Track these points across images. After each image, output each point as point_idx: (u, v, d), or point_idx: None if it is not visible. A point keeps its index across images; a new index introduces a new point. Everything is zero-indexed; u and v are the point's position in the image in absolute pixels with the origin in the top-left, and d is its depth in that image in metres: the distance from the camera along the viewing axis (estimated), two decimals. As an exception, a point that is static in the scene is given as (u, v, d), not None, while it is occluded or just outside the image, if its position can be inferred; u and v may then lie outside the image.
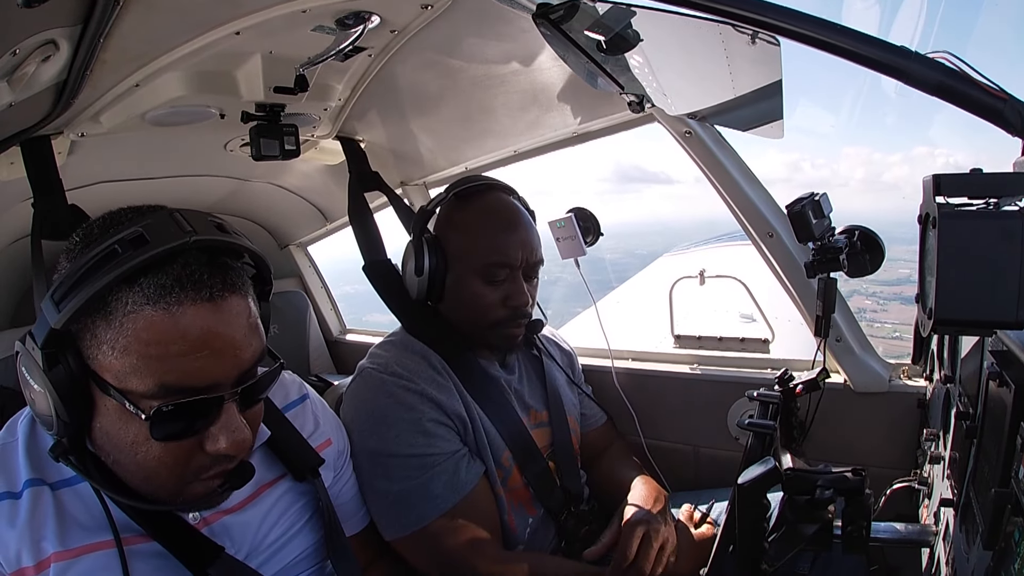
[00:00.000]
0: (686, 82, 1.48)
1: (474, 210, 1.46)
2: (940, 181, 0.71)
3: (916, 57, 0.69)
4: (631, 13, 1.05)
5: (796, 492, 0.94)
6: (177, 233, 0.79)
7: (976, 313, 0.68)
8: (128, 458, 0.83)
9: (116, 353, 0.78)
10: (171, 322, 0.77)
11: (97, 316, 0.78)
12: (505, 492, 1.43)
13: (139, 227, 0.78)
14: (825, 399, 1.40)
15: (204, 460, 0.85)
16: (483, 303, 1.44)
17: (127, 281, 0.77)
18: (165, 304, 0.77)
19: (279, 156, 1.64)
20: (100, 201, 1.77)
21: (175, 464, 0.83)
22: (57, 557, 0.83)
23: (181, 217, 0.82)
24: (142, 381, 0.78)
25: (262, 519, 1.03)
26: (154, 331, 0.77)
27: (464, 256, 1.43)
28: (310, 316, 2.96)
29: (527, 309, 1.47)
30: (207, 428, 0.83)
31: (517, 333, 1.49)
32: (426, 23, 1.32)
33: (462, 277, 1.44)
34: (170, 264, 0.78)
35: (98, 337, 0.78)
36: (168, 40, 1.19)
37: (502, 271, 1.42)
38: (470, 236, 1.44)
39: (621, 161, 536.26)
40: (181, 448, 0.82)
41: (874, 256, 1.30)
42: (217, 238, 0.83)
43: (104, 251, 0.76)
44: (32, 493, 0.86)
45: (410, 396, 1.35)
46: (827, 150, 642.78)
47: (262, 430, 1.04)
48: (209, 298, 0.80)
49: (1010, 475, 0.70)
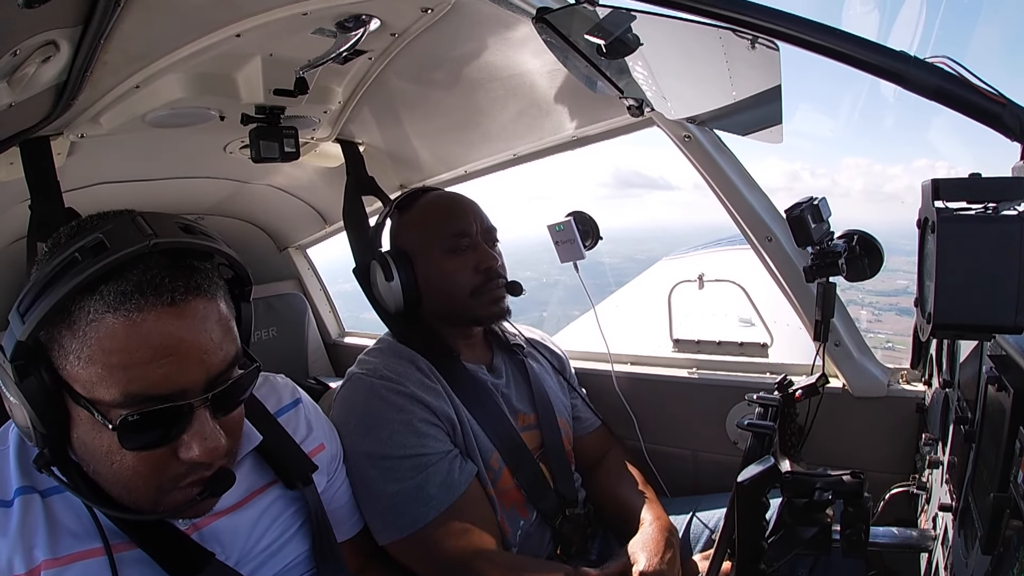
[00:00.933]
0: (685, 86, 1.48)
1: (418, 207, 1.57)
2: (939, 185, 0.71)
3: (915, 62, 0.70)
4: (631, 17, 1.05)
5: (795, 495, 0.93)
6: (137, 237, 0.78)
7: (975, 317, 0.68)
8: (105, 468, 0.82)
9: (82, 363, 0.76)
10: (132, 329, 0.76)
11: (62, 326, 0.77)
12: (496, 494, 1.44)
13: (100, 233, 0.77)
14: (824, 404, 1.40)
15: (180, 468, 0.83)
16: (457, 277, 1.50)
17: (88, 289, 0.76)
18: (126, 311, 0.75)
19: (278, 158, 1.64)
20: (99, 202, 1.76)
21: (150, 473, 0.82)
22: (47, 565, 0.82)
23: (143, 221, 0.80)
24: (108, 391, 0.76)
25: (253, 525, 1.02)
26: (116, 339, 0.75)
27: (425, 243, 1.51)
28: (308, 318, 2.95)
29: (499, 270, 1.53)
30: (179, 436, 0.81)
31: (499, 295, 1.54)
32: (426, 27, 1.32)
33: (430, 262, 1.51)
34: (130, 270, 0.77)
35: (64, 347, 0.77)
36: (169, 42, 1.19)
37: (463, 240, 1.50)
38: (424, 225, 1.53)
39: (621, 166, 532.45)
40: (155, 457, 0.81)
41: (873, 260, 1.30)
42: (179, 240, 0.81)
43: (65, 260, 0.76)
44: (23, 501, 0.85)
45: (400, 398, 1.37)
46: (828, 158, 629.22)
47: (253, 435, 1.03)
48: (171, 302, 0.78)
49: (1009, 479, 0.70)
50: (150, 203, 2.16)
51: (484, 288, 1.50)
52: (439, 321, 1.55)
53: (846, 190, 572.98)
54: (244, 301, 0.95)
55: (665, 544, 1.40)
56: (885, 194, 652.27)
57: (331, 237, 2.83)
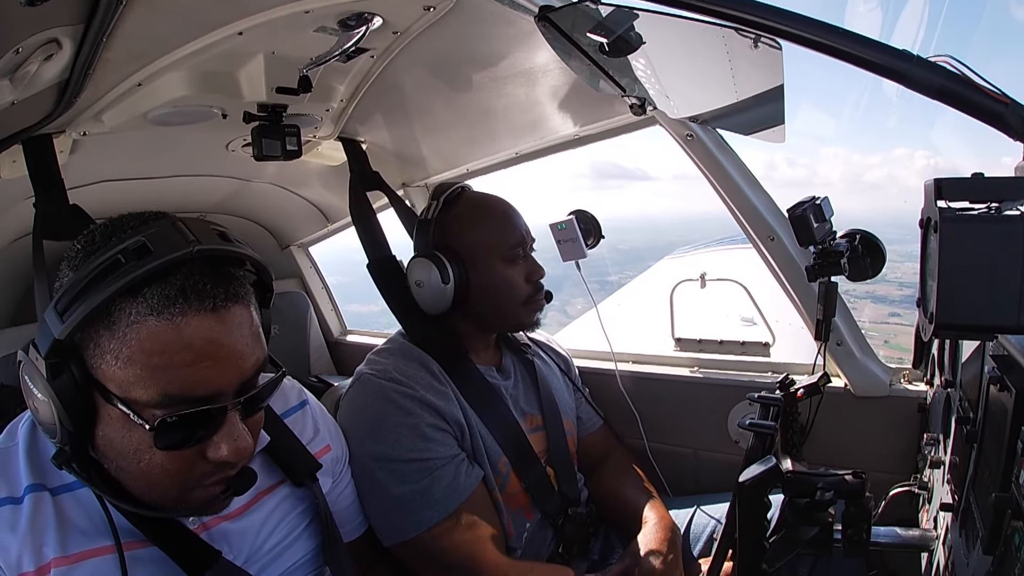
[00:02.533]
0: (688, 85, 1.48)
1: (471, 207, 1.54)
2: (942, 185, 0.71)
3: (918, 61, 0.69)
4: (633, 16, 1.05)
5: (796, 494, 0.94)
6: (181, 243, 0.79)
7: (977, 317, 0.68)
8: (131, 465, 0.83)
9: (120, 363, 0.77)
10: (175, 333, 0.77)
11: (100, 326, 0.78)
12: (503, 497, 1.44)
13: (142, 236, 0.78)
14: (825, 403, 1.40)
15: (206, 467, 0.84)
16: (514, 284, 1.51)
17: (130, 291, 0.76)
18: (169, 315, 0.77)
19: (281, 156, 1.64)
20: (102, 200, 1.77)
21: (178, 472, 0.83)
22: (57, 563, 0.83)
23: (184, 226, 0.82)
24: (145, 391, 0.77)
25: (261, 525, 1.03)
26: (158, 342, 0.76)
27: (484, 248, 1.50)
28: (311, 317, 2.96)
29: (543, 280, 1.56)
30: (210, 437, 0.83)
31: (542, 305, 1.57)
32: (428, 24, 1.32)
33: (488, 268, 1.49)
34: (173, 274, 0.78)
35: (101, 347, 0.78)
36: (171, 40, 1.19)
37: (519, 249, 1.52)
38: (483, 229, 1.51)
39: (598, 159, 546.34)
40: (184, 456, 0.82)
41: (875, 260, 1.30)
42: (220, 247, 0.83)
43: (107, 261, 0.76)
44: (33, 498, 0.86)
45: (409, 402, 1.36)
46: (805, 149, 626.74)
47: (262, 436, 1.04)
48: (212, 308, 0.79)
49: (1010, 480, 0.70)
50: (152, 201, 2.15)
51: (534, 298, 1.53)
52: (473, 323, 1.54)
53: (826, 179, 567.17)
54: (265, 307, 0.96)
55: (668, 545, 1.40)
56: (866, 183, 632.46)
57: (333, 235, 2.84)
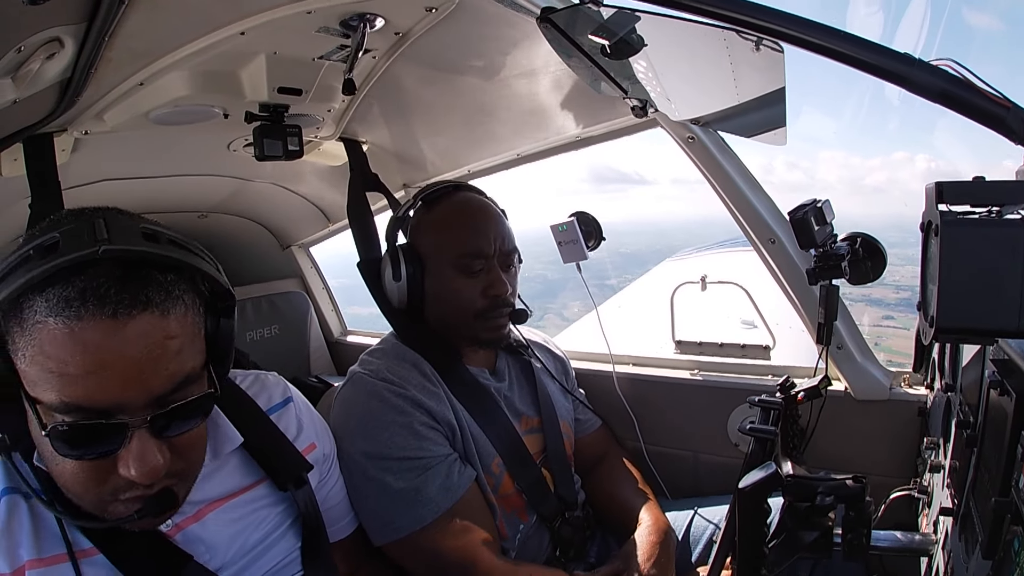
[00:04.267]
0: (690, 88, 1.48)
1: (443, 209, 1.51)
2: (943, 189, 0.71)
3: (919, 64, 0.69)
4: (635, 18, 1.05)
5: (797, 498, 0.93)
6: (88, 242, 0.74)
7: (978, 321, 0.68)
8: (52, 468, 0.81)
9: (26, 362, 0.74)
10: (70, 337, 0.72)
11: (14, 322, 0.75)
12: (496, 499, 1.43)
13: (57, 232, 0.75)
14: (826, 406, 1.40)
15: (119, 482, 0.80)
16: (463, 296, 1.46)
17: (38, 289, 0.73)
18: (66, 318, 0.72)
19: (282, 157, 1.64)
20: (103, 199, 1.74)
21: (88, 481, 0.79)
22: (31, 565, 0.82)
23: (103, 224, 0.77)
24: (46, 393, 0.74)
25: (237, 524, 1.00)
26: (54, 345, 0.73)
27: (438, 253, 1.47)
28: (311, 317, 2.96)
29: (508, 298, 1.49)
30: (116, 451, 0.78)
31: (503, 324, 1.50)
32: (430, 26, 1.32)
33: (440, 274, 1.47)
34: (79, 275, 0.73)
35: (16, 342, 0.75)
36: (173, 39, 1.20)
37: (477, 261, 1.45)
38: (442, 233, 1.48)
39: (595, 163, 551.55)
40: (95, 466, 0.78)
41: (876, 263, 1.29)
42: (132, 248, 0.76)
43: (21, 256, 0.74)
44: (8, 501, 0.84)
45: (401, 401, 1.36)
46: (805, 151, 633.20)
47: (233, 436, 1.01)
48: (112, 315, 0.74)
49: (1010, 484, 0.69)
50: (153, 201, 2.16)
51: (489, 313, 1.47)
52: (441, 327, 1.53)
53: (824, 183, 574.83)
54: (225, 316, 0.90)
55: (660, 548, 1.39)
56: (868, 187, 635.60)
57: (334, 235, 2.84)
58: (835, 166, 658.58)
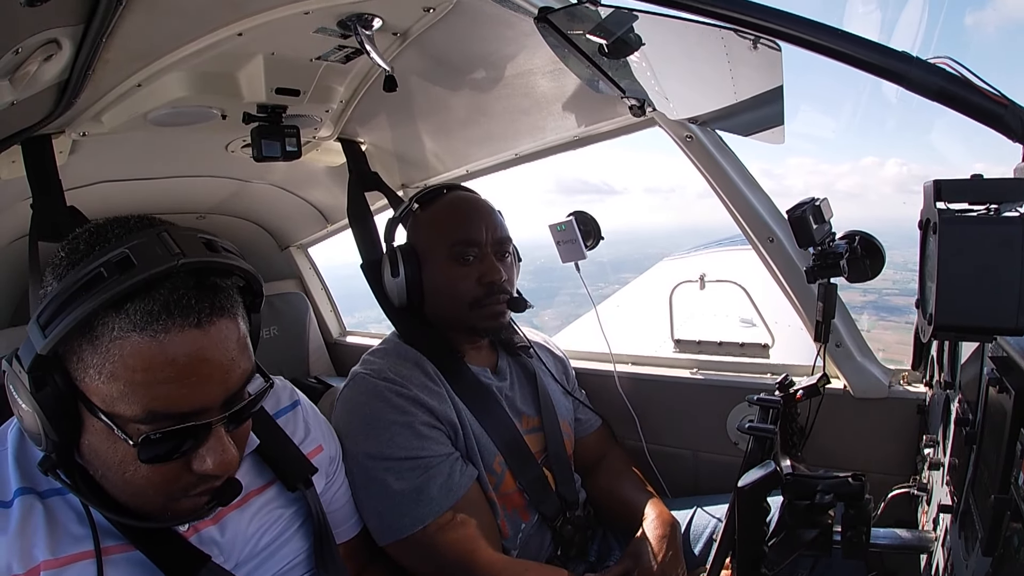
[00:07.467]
0: (688, 87, 1.48)
1: (436, 207, 1.55)
2: (941, 186, 0.71)
3: (917, 62, 0.70)
4: (632, 17, 1.05)
5: (796, 496, 0.93)
6: (165, 256, 0.76)
7: (976, 319, 0.68)
8: (116, 476, 0.82)
9: (103, 378, 0.76)
10: (158, 349, 0.75)
11: (83, 340, 0.76)
12: (497, 497, 1.44)
13: (126, 248, 0.76)
14: (825, 404, 1.40)
15: (191, 478, 0.83)
16: (459, 285, 1.48)
17: (113, 306, 0.75)
18: (152, 331, 0.75)
19: (280, 157, 1.64)
20: (101, 201, 1.77)
21: (162, 483, 0.82)
22: (47, 565, 0.82)
23: (169, 238, 0.79)
24: (129, 407, 0.76)
25: (250, 525, 1.02)
26: (141, 358, 0.75)
27: (433, 246, 1.50)
28: (310, 318, 2.95)
29: (504, 284, 1.51)
30: (195, 450, 0.82)
31: (500, 311, 1.52)
32: (428, 26, 1.32)
33: (435, 266, 1.50)
34: (157, 289, 0.76)
35: (84, 361, 0.77)
36: (171, 40, 1.20)
37: (471, 249, 1.49)
38: (435, 227, 1.52)
39: (562, 176, 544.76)
40: (169, 468, 0.81)
41: (874, 261, 1.29)
42: (206, 259, 0.80)
43: (89, 274, 0.74)
44: (22, 502, 0.85)
45: (403, 401, 1.37)
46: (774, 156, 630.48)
47: (251, 439, 1.03)
48: (197, 324, 0.78)
49: (1009, 481, 0.69)
50: (151, 202, 2.16)
51: (484, 301, 1.49)
52: (441, 323, 1.55)
53: (787, 188, 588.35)
54: (255, 311, 0.95)
55: (667, 542, 1.40)
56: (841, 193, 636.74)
57: (333, 236, 2.84)
58: (803, 172, 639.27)
